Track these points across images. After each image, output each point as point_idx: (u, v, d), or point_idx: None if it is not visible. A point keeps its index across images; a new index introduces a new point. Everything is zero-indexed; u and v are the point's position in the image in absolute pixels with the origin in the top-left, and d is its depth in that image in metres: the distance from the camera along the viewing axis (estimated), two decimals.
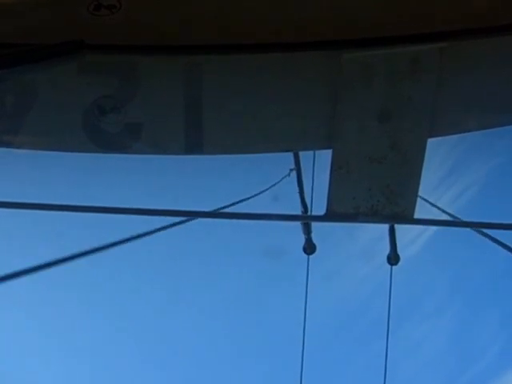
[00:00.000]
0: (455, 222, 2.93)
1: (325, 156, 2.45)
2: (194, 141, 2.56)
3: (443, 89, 2.32)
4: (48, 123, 2.45)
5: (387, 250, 4.18)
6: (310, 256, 4.53)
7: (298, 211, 2.75)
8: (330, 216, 2.48)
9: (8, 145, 2.52)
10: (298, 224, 3.57)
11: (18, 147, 2.55)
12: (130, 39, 2.29)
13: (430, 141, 2.39)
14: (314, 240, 4.03)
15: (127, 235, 2.23)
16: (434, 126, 2.40)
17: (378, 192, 2.44)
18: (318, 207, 2.57)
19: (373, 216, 2.46)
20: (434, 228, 3.93)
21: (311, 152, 2.91)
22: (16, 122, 2.42)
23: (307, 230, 3.97)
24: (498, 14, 2.30)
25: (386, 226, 3.88)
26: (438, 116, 2.38)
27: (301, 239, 4.02)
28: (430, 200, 2.82)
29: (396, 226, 3.89)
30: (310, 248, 4.33)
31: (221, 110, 2.45)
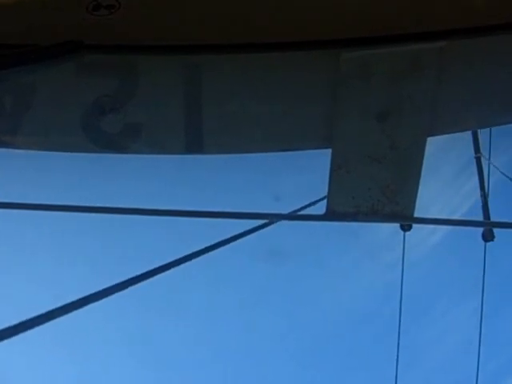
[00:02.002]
0: (456, 221, 2.93)
1: None
2: (194, 140, 2.56)
3: (443, 87, 2.31)
4: (47, 123, 2.45)
5: None
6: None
7: (299, 211, 2.75)
8: (330, 215, 2.48)
9: (7, 145, 2.52)
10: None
11: (17, 148, 2.55)
12: (130, 39, 2.29)
13: None
14: None
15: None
16: (433, 125, 2.40)
17: (377, 191, 2.44)
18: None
19: (373, 215, 2.46)
20: None
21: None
22: (15, 122, 2.41)
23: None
24: (497, 13, 2.29)
25: None
26: (437, 115, 2.37)
27: None
28: None
29: None
30: (407, 225, 4.61)
31: (220, 110, 2.45)
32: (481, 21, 2.29)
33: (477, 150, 5.04)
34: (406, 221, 2.50)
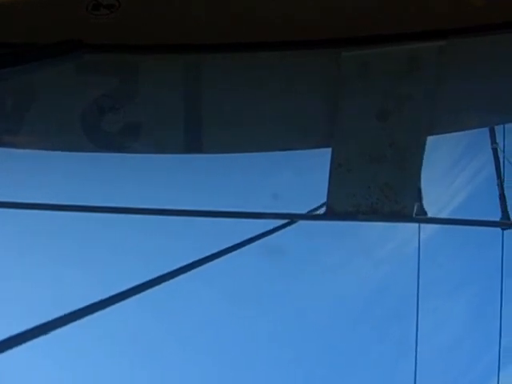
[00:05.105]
0: (456, 221, 2.93)
1: None
2: (194, 140, 2.56)
3: (443, 86, 2.32)
4: (46, 123, 2.45)
5: None
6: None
7: (299, 210, 2.74)
8: (330, 215, 2.48)
9: (7, 145, 2.52)
10: None
11: (16, 147, 2.55)
12: (129, 39, 2.29)
13: None
14: None
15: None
16: (433, 124, 2.40)
17: (377, 190, 2.44)
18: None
19: (373, 214, 2.46)
20: None
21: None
22: (14, 121, 2.42)
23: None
24: (497, 12, 2.29)
25: None
26: (437, 114, 2.37)
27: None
28: None
29: None
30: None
31: (220, 110, 2.45)
32: (481, 20, 2.29)
33: (493, 140, 5.01)
34: (406, 220, 2.50)
